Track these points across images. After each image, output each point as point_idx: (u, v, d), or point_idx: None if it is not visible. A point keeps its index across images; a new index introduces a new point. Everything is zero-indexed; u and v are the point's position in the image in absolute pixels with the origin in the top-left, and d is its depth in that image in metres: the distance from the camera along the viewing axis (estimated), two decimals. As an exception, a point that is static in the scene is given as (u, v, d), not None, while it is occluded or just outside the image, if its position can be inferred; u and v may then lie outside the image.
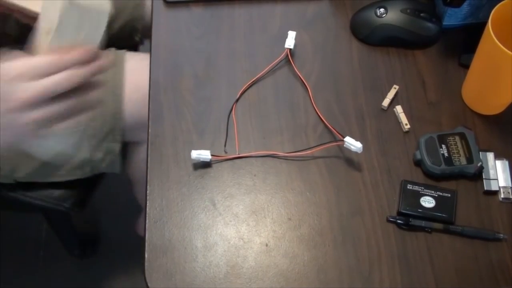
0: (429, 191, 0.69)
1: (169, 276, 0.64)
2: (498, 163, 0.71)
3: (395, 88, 0.76)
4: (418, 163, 0.71)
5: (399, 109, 0.75)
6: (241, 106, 0.76)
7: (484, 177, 0.70)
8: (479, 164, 0.69)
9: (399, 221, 0.67)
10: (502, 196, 0.69)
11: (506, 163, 0.71)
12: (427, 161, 0.70)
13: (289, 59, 0.78)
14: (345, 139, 0.70)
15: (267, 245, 0.67)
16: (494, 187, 0.70)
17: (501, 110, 0.76)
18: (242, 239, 0.67)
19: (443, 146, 0.70)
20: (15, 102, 0.57)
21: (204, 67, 0.79)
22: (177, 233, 0.67)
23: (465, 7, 0.78)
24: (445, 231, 0.67)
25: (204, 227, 0.67)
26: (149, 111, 0.75)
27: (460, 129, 0.72)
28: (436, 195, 0.68)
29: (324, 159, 0.72)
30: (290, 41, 0.78)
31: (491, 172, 0.70)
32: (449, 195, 0.69)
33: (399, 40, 0.80)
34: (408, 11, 0.79)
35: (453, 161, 0.70)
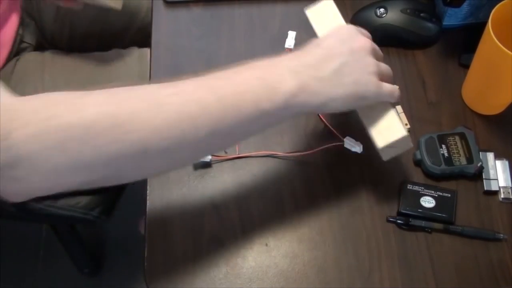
0: (429, 191, 0.69)
1: (169, 276, 0.64)
2: (498, 163, 0.71)
3: (395, 88, 0.76)
4: (418, 163, 0.71)
5: (399, 109, 0.75)
6: (241, 106, 0.76)
7: (484, 177, 0.70)
8: (479, 164, 0.69)
9: (399, 221, 0.67)
10: (502, 196, 0.69)
11: (506, 163, 0.71)
12: (427, 161, 0.70)
13: None
14: (345, 140, 0.70)
15: (267, 245, 0.67)
16: (494, 187, 0.70)
17: (501, 110, 0.76)
18: (242, 239, 0.67)
19: (443, 146, 0.70)
20: None
21: (204, 67, 0.78)
22: (177, 233, 0.67)
23: (465, 7, 0.77)
24: (445, 231, 0.67)
25: (204, 227, 0.67)
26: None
27: (460, 129, 0.72)
28: (436, 195, 0.68)
29: (324, 159, 0.72)
30: (290, 41, 0.78)
31: (491, 172, 0.70)
32: (449, 195, 0.69)
33: (399, 40, 0.80)
34: (408, 11, 0.79)
35: (453, 161, 0.69)
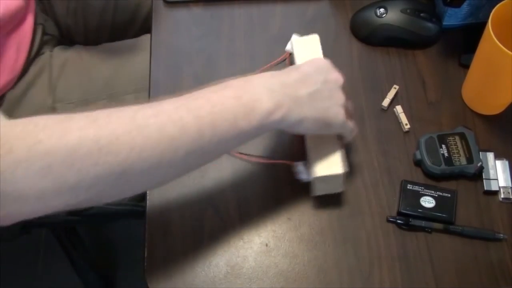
0: (429, 191, 0.69)
1: (169, 276, 0.64)
2: (498, 163, 0.71)
3: (395, 88, 0.76)
4: (418, 163, 0.71)
5: (399, 109, 0.75)
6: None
7: (484, 177, 0.70)
8: (479, 164, 0.69)
9: (399, 221, 0.67)
10: (502, 196, 0.69)
11: (506, 163, 0.71)
12: (427, 161, 0.70)
13: (288, 63, 0.77)
14: (298, 164, 0.67)
15: (267, 245, 0.67)
16: (494, 187, 0.70)
17: (501, 110, 0.76)
18: (242, 239, 0.67)
19: (443, 146, 0.70)
20: None
21: (204, 67, 0.79)
22: (177, 234, 0.67)
23: (465, 7, 0.77)
24: (445, 231, 0.67)
25: (204, 227, 0.67)
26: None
27: (460, 129, 0.72)
28: (436, 195, 0.68)
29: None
30: (291, 45, 0.76)
31: (491, 172, 0.70)
32: (449, 195, 0.69)
33: (399, 40, 0.80)
34: (408, 11, 0.79)
35: (453, 161, 0.69)
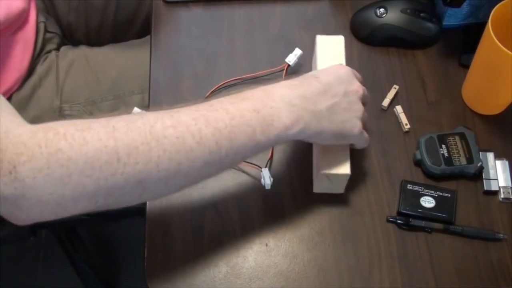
0: (429, 191, 0.69)
1: (169, 276, 0.64)
2: (498, 163, 0.71)
3: (395, 88, 0.76)
4: (418, 163, 0.71)
5: (399, 109, 0.75)
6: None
7: (484, 177, 0.70)
8: (479, 164, 0.69)
9: (399, 221, 0.67)
10: (502, 196, 0.69)
11: (506, 163, 0.71)
12: (427, 161, 0.70)
13: (285, 74, 0.75)
14: (263, 169, 0.67)
15: (267, 245, 0.67)
16: (494, 187, 0.70)
17: (501, 110, 0.76)
18: (242, 239, 0.67)
19: (443, 146, 0.70)
20: None
21: (204, 67, 0.79)
22: (177, 233, 0.67)
23: (465, 7, 0.77)
24: (445, 231, 0.67)
25: (204, 227, 0.67)
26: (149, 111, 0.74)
27: (460, 129, 0.72)
28: (436, 195, 0.68)
29: (324, 159, 0.72)
30: (292, 58, 0.76)
31: (491, 172, 0.70)
32: (449, 195, 0.69)
33: (399, 40, 0.80)
34: (408, 11, 0.79)
35: (453, 161, 0.69)
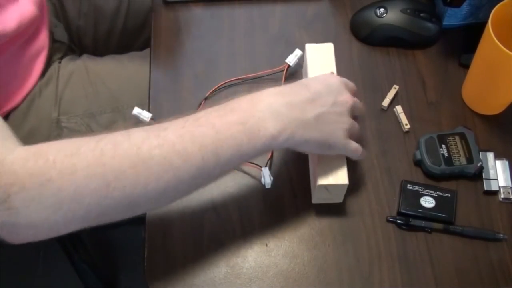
0: (429, 191, 0.69)
1: (169, 276, 0.64)
2: (498, 163, 0.71)
3: (395, 88, 0.76)
4: (418, 163, 0.71)
5: (399, 109, 0.75)
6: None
7: (484, 177, 0.70)
8: (479, 164, 0.69)
9: (399, 221, 0.67)
10: (502, 196, 0.69)
11: (506, 163, 0.71)
12: (427, 161, 0.70)
13: (285, 75, 0.75)
14: (263, 168, 0.68)
15: (267, 245, 0.67)
16: (494, 187, 0.70)
17: (501, 110, 0.76)
18: (242, 239, 0.67)
19: (443, 146, 0.70)
20: None
21: (204, 67, 0.79)
22: (177, 234, 0.67)
23: (465, 7, 0.78)
24: (445, 231, 0.67)
25: (204, 227, 0.67)
26: (149, 111, 0.74)
27: (460, 129, 0.72)
28: (436, 195, 0.68)
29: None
30: (292, 58, 0.76)
31: (491, 172, 0.70)
32: (449, 195, 0.69)
33: (399, 40, 0.80)
34: (408, 11, 0.79)
35: (453, 161, 0.69)
